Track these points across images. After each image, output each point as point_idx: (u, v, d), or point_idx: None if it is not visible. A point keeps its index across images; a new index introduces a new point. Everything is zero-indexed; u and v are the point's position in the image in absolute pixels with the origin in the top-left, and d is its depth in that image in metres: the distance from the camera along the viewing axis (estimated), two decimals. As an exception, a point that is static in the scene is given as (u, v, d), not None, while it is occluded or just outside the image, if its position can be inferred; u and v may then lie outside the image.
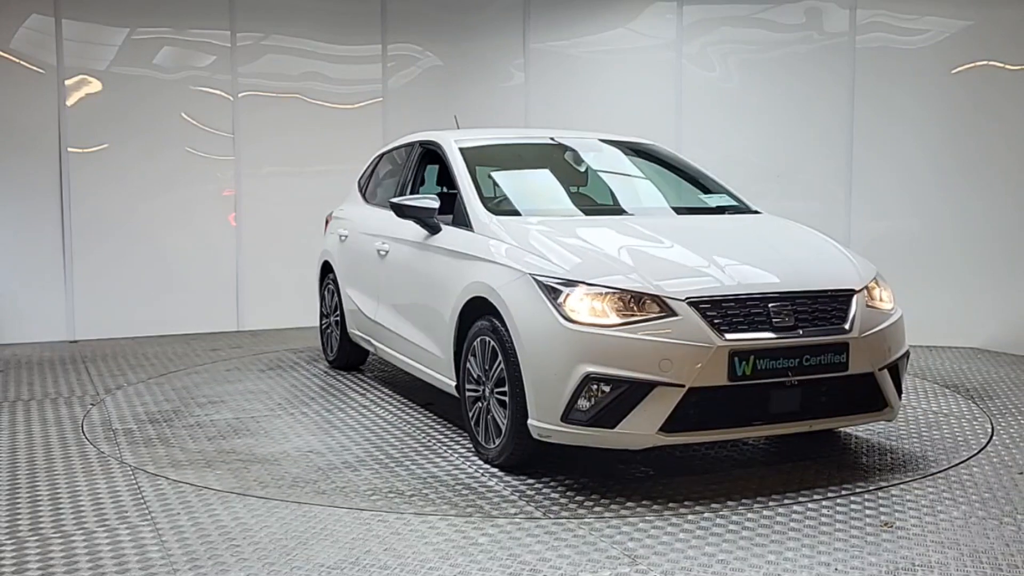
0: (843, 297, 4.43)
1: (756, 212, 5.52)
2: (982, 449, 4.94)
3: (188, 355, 7.70)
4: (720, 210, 5.51)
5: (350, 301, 6.64)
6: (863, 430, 5.29)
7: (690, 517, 3.92)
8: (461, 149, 5.63)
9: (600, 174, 5.85)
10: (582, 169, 5.85)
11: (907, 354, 4.72)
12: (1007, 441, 5.10)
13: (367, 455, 4.88)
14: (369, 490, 4.30)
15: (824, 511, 3.99)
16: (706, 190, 5.75)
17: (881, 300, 4.66)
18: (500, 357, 4.45)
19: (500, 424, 4.51)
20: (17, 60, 8.27)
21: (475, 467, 4.64)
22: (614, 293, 4.17)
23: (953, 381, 6.62)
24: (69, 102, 8.41)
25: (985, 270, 7.83)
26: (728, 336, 4.12)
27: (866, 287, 4.57)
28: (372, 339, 6.32)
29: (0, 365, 7.31)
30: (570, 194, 5.61)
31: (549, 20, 9.28)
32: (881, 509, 4.02)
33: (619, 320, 4.12)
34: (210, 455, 4.94)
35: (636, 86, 8.97)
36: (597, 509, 4.02)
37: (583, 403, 4.12)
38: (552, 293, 4.24)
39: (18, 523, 3.88)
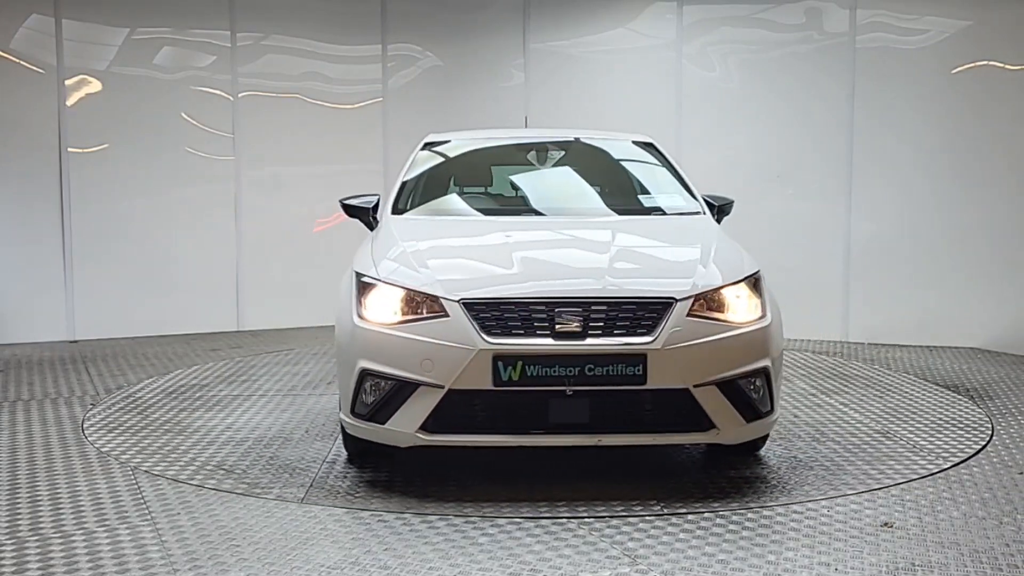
0: (656, 306, 4.09)
1: (696, 214, 5.23)
2: (982, 449, 4.94)
3: (188, 355, 7.70)
4: (647, 211, 5.34)
5: None
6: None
7: (690, 517, 3.92)
8: (426, 146, 5.80)
9: (555, 174, 5.84)
10: (549, 169, 5.89)
11: (762, 371, 4.21)
12: (1007, 441, 5.10)
13: (263, 435, 5.26)
14: (203, 464, 4.71)
15: (824, 511, 3.99)
16: (681, 190, 5.54)
17: (725, 310, 4.22)
18: None
19: None
20: (17, 60, 8.27)
21: (333, 454, 4.86)
22: (402, 292, 4.22)
23: (953, 381, 6.62)
24: (69, 102, 8.40)
25: (985, 270, 7.83)
26: (495, 340, 3.99)
27: (699, 296, 4.15)
28: None
29: (0, 365, 7.31)
30: (494, 194, 5.65)
31: (549, 20, 9.28)
32: (881, 509, 4.02)
33: (398, 319, 4.17)
34: (149, 423, 5.53)
35: (636, 86, 8.97)
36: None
37: (369, 398, 4.20)
38: (360, 290, 4.35)
39: (18, 523, 3.88)
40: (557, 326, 4.02)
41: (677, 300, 4.11)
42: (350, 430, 4.42)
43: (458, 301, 4.08)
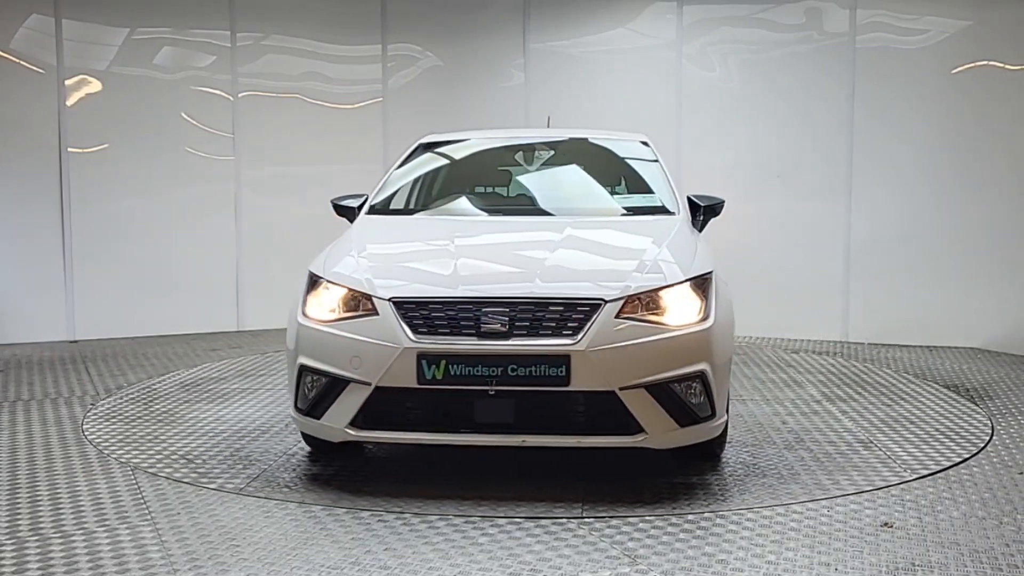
0: (584, 307, 4.04)
1: (668, 214, 5.11)
2: (982, 449, 4.94)
3: (188, 355, 7.70)
4: (614, 211, 5.31)
5: None
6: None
7: (690, 517, 3.92)
8: (420, 146, 5.88)
9: (535, 176, 5.88)
10: (532, 169, 5.93)
11: (699, 375, 4.10)
12: (1007, 441, 5.10)
13: (243, 427, 5.41)
14: (169, 452, 4.90)
15: (824, 511, 3.99)
16: (661, 189, 5.47)
17: (662, 312, 4.12)
18: None
19: None
20: (17, 60, 8.27)
21: (296, 448, 4.97)
22: (342, 291, 4.29)
23: (953, 381, 6.62)
24: (69, 102, 8.40)
25: (985, 270, 7.84)
26: (420, 338, 4.02)
27: (631, 297, 4.08)
28: None
29: (0, 365, 7.31)
30: (471, 195, 5.70)
31: (549, 20, 9.28)
32: (881, 509, 4.02)
33: (335, 317, 4.26)
34: (141, 414, 5.73)
35: (636, 86, 8.98)
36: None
37: (308, 393, 4.30)
38: (307, 288, 4.46)
39: (18, 523, 3.88)
40: (483, 326, 4.02)
41: (606, 301, 4.05)
42: (296, 424, 4.54)
43: (388, 300, 4.13)
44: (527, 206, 5.51)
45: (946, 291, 7.96)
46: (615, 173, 5.85)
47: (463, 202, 5.58)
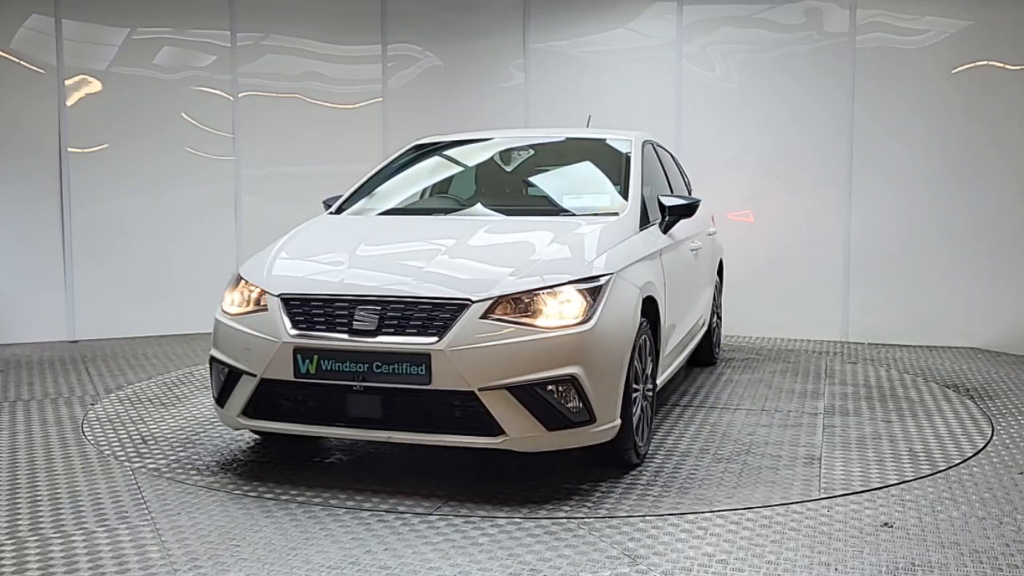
0: (451, 307, 4.06)
1: (610, 215, 4.98)
2: (982, 449, 4.94)
3: (188, 355, 7.70)
4: (554, 212, 5.22)
5: None
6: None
7: (690, 517, 3.92)
8: (411, 148, 6.04)
9: (499, 179, 5.94)
10: (509, 170, 5.97)
11: (569, 378, 4.01)
12: (1007, 441, 5.10)
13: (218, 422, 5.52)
14: (131, 435, 5.19)
15: (824, 511, 3.99)
16: (619, 190, 5.38)
17: (536, 315, 4.06)
18: None
19: None
20: (17, 60, 8.27)
21: (240, 438, 5.16)
22: (252, 287, 4.49)
23: (953, 381, 6.62)
24: (69, 102, 8.40)
25: (985, 270, 7.84)
26: (298, 333, 4.20)
27: (501, 298, 4.05)
28: None
29: (0, 365, 7.31)
30: (430, 196, 5.79)
31: (549, 20, 9.28)
32: (881, 509, 4.02)
33: (239, 312, 4.48)
34: (140, 401, 5.97)
35: (636, 86, 8.97)
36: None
37: (219, 383, 4.51)
38: (230, 284, 4.67)
39: (18, 523, 3.88)
40: (354, 323, 4.15)
41: (473, 302, 4.05)
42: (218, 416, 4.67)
43: (277, 296, 4.33)
44: (469, 207, 5.42)
45: (945, 291, 7.97)
46: (583, 174, 5.81)
47: (410, 204, 5.69)
